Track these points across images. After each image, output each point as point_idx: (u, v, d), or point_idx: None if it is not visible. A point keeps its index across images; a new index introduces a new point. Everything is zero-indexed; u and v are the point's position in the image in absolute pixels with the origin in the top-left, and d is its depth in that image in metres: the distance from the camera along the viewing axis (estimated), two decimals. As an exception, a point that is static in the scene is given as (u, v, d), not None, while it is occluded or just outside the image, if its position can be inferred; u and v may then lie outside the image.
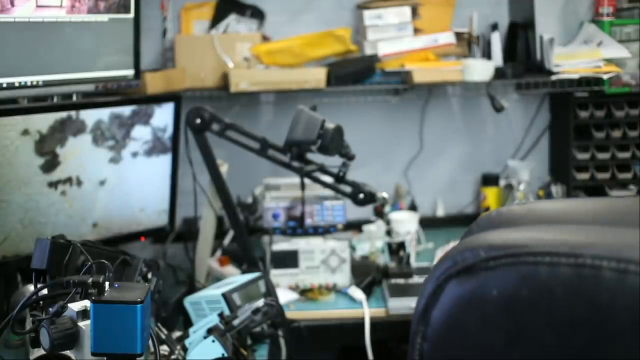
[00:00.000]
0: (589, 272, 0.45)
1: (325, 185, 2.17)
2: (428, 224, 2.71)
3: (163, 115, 2.24)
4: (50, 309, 1.11)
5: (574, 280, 0.45)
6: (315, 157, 2.09)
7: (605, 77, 2.43)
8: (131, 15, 2.14)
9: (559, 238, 0.48)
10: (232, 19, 2.61)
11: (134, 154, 2.19)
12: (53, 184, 1.99)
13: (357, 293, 2.14)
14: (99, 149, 2.09)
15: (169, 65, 2.58)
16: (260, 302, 1.57)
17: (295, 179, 2.22)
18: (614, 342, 0.44)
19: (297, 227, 2.23)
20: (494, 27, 2.63)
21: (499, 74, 2.50)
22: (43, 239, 1.34)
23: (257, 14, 2.64)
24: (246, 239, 2.24)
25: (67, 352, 1.16)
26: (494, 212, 0.56)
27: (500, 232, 0.52)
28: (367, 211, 2.57)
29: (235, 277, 1.93)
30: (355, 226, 2.56)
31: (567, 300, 0.45)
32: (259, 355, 1.72)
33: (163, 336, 1.62)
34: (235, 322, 1.54)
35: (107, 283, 1.08)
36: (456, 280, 0.50)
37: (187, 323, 1.82)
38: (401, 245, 2.29)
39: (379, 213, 2.58)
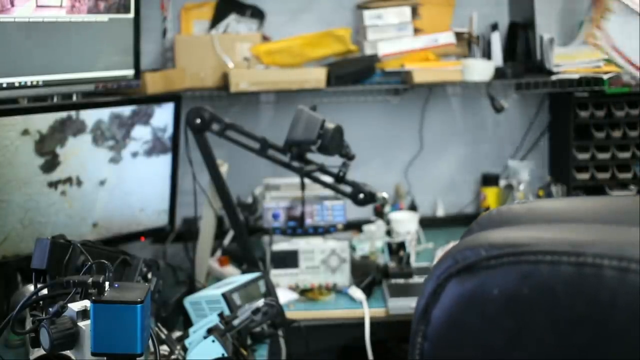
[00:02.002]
0: (590, 270, 0.45)
1: (325, 185, 2.17)
2: (428, 224, 2.71)
3: (163, 115, 2.24)
4: (50, 309, 1.11)
5: (575, 279, 0.45)
6: (315, 157, 2.09)
7: (605, 77, 2.43)
8: (131, 15, 2.14)
9: (559, 237, 0.48)
10: (232, 19, 2.61)
11: (134, 154, 2.19)
12: (53, 184, 1.99)
13: (357, 293, 2.14)
14: (99, 149, 2.09)
15: (169, 65, 2.58)
16: (260, 302, 1.57)
17: (295, 179, 2.22)
18: (615, 341, 0.44)
19: (297, 227, 2.23)
20: (494, 27, 2.63)
21: (499, 74, 2.50)
22: (43, 239, 1.33)
23: (257, 14, 2.64)
24: (246, 239, 2.24)
25: (67, 352, 1.16)
26: (494, 210, 0.56)
27: (501, 231, 0.51)
28: (367, 211, 2.57)
29: (235, 277, 1.92)
30: (355, 226, 2.56)
31: (568, 299, 0.45)
32: (259, 355, 1.72)
33: (163, 336, 1.61)
34: (235, 322, 1.54)
35: (107, 283, 1.08)
36: (457, 279, 0.50)
37: (187, 323, 1.81)
38: (401, 245, 2.28)
39: (379, 213, 2.58)
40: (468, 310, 0.49)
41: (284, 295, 2.09)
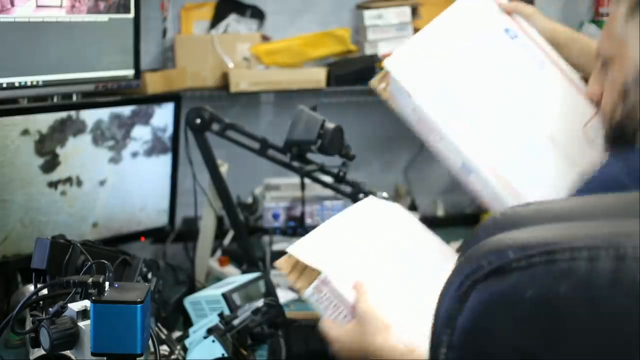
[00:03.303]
0: (632, 264, 0.43)
1: (325, 185, 2.16)
2: (428, 224, 2.69)
3: (163, 115, 2.24)
4: (50, 309, 1.11)
5: (615, 274, 0.43)
6: (315, 157, 2.09)
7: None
8: (131, 15, 2.14)
9: (590, 232, 0.46)
10: (232, 19, 2.61)
11: (134, 154, 2.19)
12: (53, 184, 1.99)
13: (357, 293, 2.13)
14: (99, 149, 2.09)
15: (169, 65, 2.58)
16: (260, 302, 1.57)
17: (295, 179, 2.22)
18: None
19: (297, 227, 2.22)
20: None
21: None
22: (43, 238, 1.33)
23: (257, 14, 2.64)
24: (246, 239, 2.24)
25: (67, 352, 1.16)
26: (497, 214, 0.54)
27: (523, 231, 0.49)
28: (367, 211, 2.57)
29: (235, 277, 1.92)
30: (355, 226, 2.55)
31: (609, 296, 0.43)
32: (259, 355, 1.72)
33: (163, 336, 1.61)
34: (235, 322, 1.53)
35: (107, 283, 1.08)
36: (484, 285, 0.47)
37: (187, 323, 1.81)
38: (401, 246, 2.28)
39: (379, 213, 2.58)
40: (498, 315, 0.47)
41: (284, 295, 2.09)
